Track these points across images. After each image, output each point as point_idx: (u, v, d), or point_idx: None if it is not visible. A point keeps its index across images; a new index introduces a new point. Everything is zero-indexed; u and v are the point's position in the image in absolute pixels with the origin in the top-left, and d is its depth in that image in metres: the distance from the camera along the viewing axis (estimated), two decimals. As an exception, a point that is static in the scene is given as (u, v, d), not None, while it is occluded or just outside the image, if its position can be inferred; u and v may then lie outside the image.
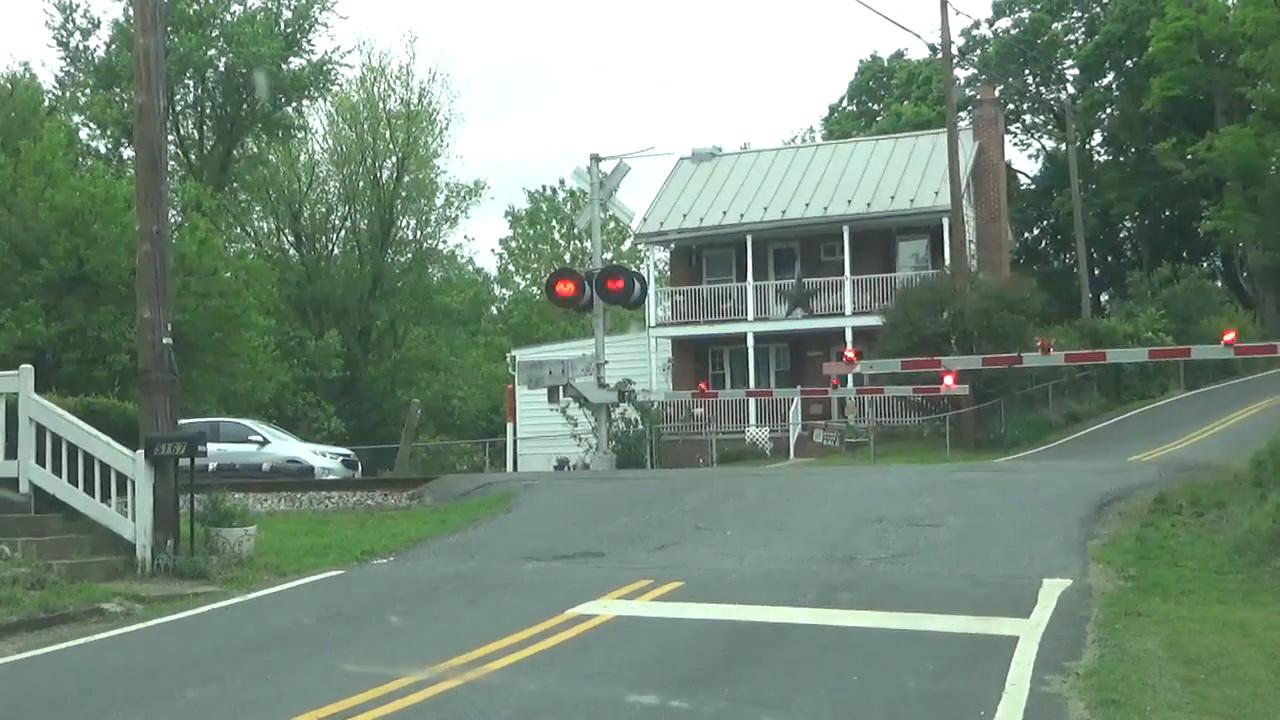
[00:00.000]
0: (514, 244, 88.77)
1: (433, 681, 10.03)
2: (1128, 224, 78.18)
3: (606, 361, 33.07)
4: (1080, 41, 75.82)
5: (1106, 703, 8.97)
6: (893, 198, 47.70)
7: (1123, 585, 13.77)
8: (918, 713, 9.18)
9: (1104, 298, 74.00)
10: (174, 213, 41.76)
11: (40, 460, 16.63)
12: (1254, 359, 45.51)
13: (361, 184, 66.54)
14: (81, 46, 60.05)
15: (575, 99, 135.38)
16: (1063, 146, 70.13)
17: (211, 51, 57.58)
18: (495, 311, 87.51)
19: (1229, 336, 24.87)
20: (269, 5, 60.28)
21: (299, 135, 65.24)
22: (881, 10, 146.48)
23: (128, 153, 54.79)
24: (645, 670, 10.57)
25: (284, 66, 59.15)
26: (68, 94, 60.30)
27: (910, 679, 10.06)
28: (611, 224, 63.94)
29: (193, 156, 60.20)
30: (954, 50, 49.23)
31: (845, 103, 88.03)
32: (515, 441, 45.30)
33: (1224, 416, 39.44)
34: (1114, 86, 75.03)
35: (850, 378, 37.33)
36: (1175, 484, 19.27)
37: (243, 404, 44.56)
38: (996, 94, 57.70)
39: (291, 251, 67.10)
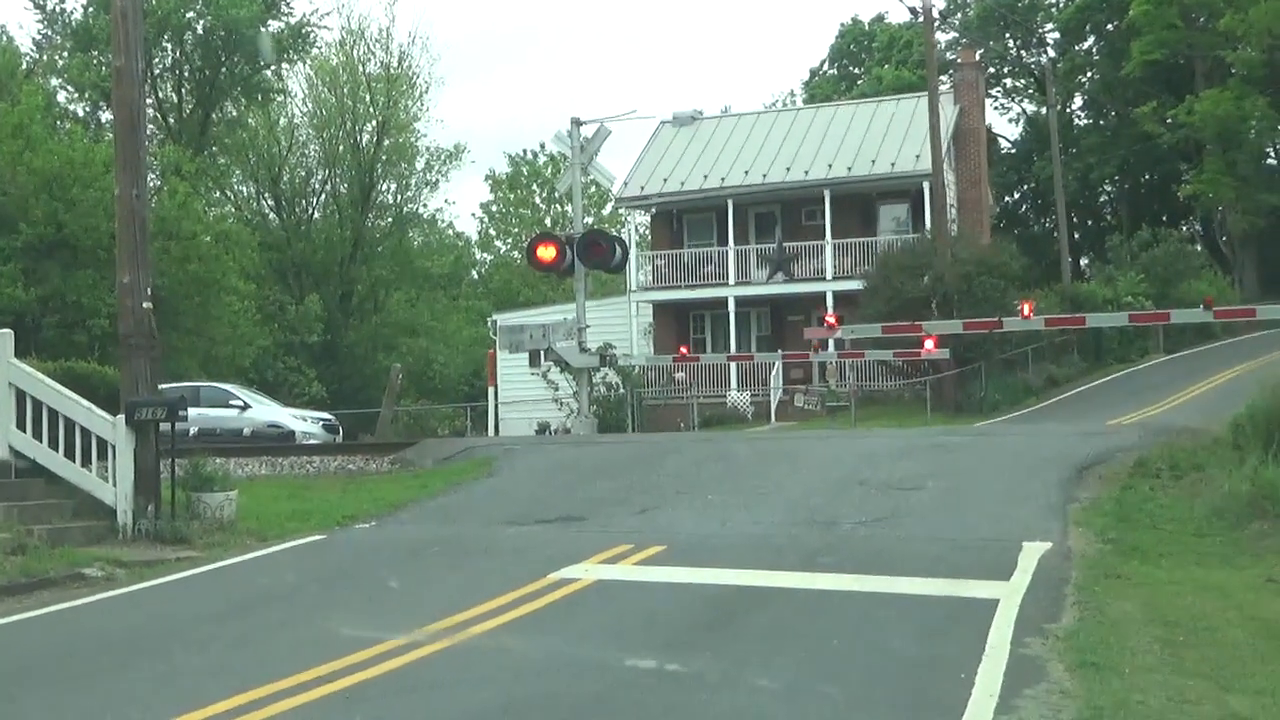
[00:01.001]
0: (495, 208, 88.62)
1: (417, 645, 10.06)
2: (1108, 188, 78.19)
3: (588, 326, 33.05)
4: (1061, 5, 75.68)
5: (1085, 665, 9.02)
6: (873, 162, 47.66)
7: (1102, 548, 13.83)
8: (899, 675, 9.21)
9: (1084, 262, 74.16)
10: (153, 176, 41.65)
11: (21, 425, 16.60)
12: (1233, 323, 45.66)
13: (341, 148, 66.31)
14: (58, 9, 59.76)
15: (556, 63, 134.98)
16: (1043, 110, 70.04)
17: (190, 14, 57.24)
18: (476, 276, 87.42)
19: (1208, 301, 24.98)
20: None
21: (278, 99, 64.99)
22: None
23: (106, 116, 54.58)
24: (628, 634, 10.61)
25: (263, 29, 58.82)
26: (45, 57, 60.00)
27: (891, 642, 10.11)
28: (592, 188, 63.67)
29: (171, 120, 59.93)
30: (935, 14, 49.28)
31: (826, 66, 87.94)
32: (496, 406, 45.34)
33: (1203, 380, 39.56)
34: (1094, 50, 74.98)
35: (831, 342, 37.38)
36: (1155, 447, 19.32)
37: (223, 368, 44.53)
38: (977, 58, 57.58)
39: (271, 215, 66.90)
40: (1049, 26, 76.92)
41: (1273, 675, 8.89)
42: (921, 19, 46.06)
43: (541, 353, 32.39)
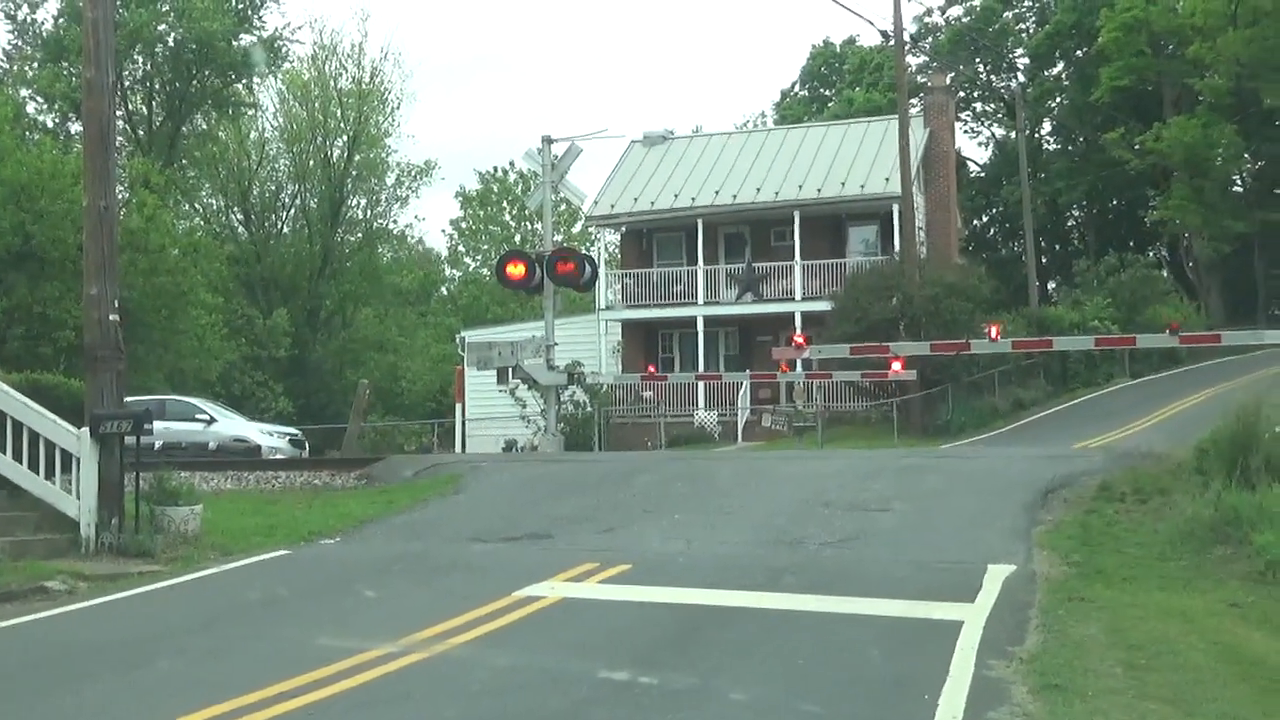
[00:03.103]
0: (464, 225, 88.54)
1: (382, 660, 10.03)
2: (1075, 213, 78.75)
3: (556, 343, 33.03)
4: (1031, 31, 76.32)
5: (1049, 687, 9.05)
6: (843, 184, 47.83)
7: (1066, 571, 13.86)
8: (862, 695, 9.22)
9: (1051, 286, 74.49)
10: (122, 189, 41.48)
11: (-16, 436, 16.48)
12: (1198, 348, 45.96)
13: (312, 162, 66.23)
14: (29, 19, 59.49)
15: (528, 81, 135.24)
16: (1012, 135, 70.54)
17: (161, 26, 57.07)
18: (445, 292, 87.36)
19: (1174, 326, 25.10)
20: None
21: (249, 113, 64.85)
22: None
23: (75, 127, 54.32)
24: (593, 652, 10.57)
25: (235, 43, 58.71)
26: (15, 67, 59.70)
27: (856, 662, 10.12)
28: (563, 206, 63.82)
29: (141, 132, 59.71)
30: (906, 37, 49.45)
31: (797, 88, 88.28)
32: (464, 423, 45.29)
33: (1168, 405, 39.75)
34: (1064, 76, 75.56)
35: (799, 362, 37.49)
36: (1119, 471, 19.38)
37: (190, 382, 44.32)
38: (948, 81, 57.87)
39: (240, 229, 66.77)
40: (1019, 52, 77.47)
41: (1234, 699, 8.93)
42: (893, 42, 46.26)
43: (510, 370, 32.33)
